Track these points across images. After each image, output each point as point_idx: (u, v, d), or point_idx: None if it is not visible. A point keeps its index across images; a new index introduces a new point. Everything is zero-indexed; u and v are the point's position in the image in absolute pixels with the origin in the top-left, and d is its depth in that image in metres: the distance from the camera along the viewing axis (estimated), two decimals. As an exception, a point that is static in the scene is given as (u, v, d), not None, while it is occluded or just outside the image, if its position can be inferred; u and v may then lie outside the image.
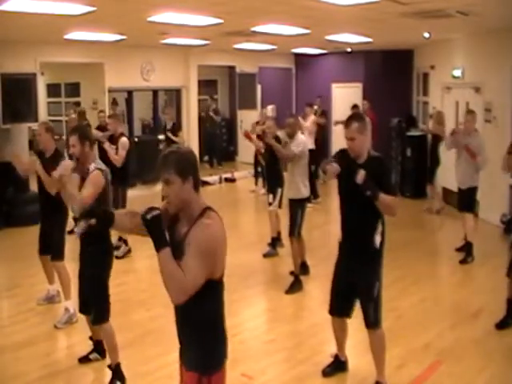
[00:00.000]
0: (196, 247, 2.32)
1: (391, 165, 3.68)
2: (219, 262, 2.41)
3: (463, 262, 6.90)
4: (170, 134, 9.06)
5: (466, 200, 7.00)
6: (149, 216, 2.27)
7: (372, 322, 3.86)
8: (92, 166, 4.12)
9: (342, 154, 3.87)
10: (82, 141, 4.13)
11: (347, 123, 3.79)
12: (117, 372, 4.10)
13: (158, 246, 2.27)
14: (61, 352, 4.90)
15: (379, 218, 3.76)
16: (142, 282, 6.29)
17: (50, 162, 4.92)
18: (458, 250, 7.21)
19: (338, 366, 4.26)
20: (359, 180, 3.61)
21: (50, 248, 5.31)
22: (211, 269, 2.36)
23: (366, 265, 3.81)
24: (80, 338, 4.81)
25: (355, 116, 3.90)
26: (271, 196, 7.07)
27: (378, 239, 3.75)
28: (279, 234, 7.35)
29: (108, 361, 4.19)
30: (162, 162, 2.40)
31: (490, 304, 5.54)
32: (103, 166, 4.20)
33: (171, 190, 2.39)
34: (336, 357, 4.28)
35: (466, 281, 6.64)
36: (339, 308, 4.03)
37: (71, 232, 8.08)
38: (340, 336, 4.19)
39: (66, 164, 4.29)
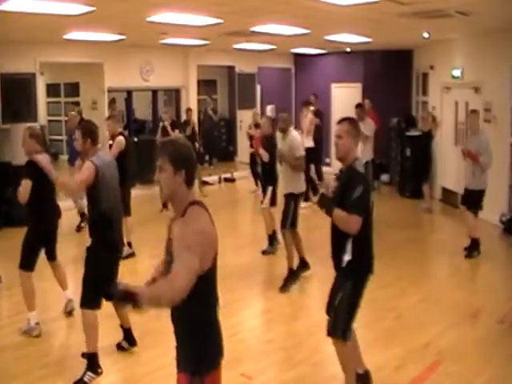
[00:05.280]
0: (182, 241, 2.32)
1: (363, 180, 3.57)
2: (207, 256, 2.38)
3: (469, 256, 6.93)
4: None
5: (471, 200, 7.00)
6: (118, 289, 2.26)
7: (330, 330, 3.75)
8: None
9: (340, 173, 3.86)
10: (84, 136, 4.24)
11: (340, 122, 3.82)
12: (91, 362, 4.11)
13: (140, 302, 2.22)
14: (60, 352, 4.89)
15: (349, 237, 3.64)
16: (141, 283, 6.26)
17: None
18: (467, 248, 7.17)
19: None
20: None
21: (50, 252, 5.32)
22: (202, 260, 2.33)
23: (339, 276, 3.77)
24: (80, 337, 4.80)
25: (349, 118, 3.89)
26: (263, 194, 7.15)
27: (345, 258, 3.67)
28: (274, 231, 7.34)
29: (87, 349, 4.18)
30: (159, 148, 2.50)
31: (490, 304, 5.55)
32: (99, 162, 4.17)
33: (162, 177, 2.45)
34: None
35: (465, 281, 6.64)
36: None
37: (79, 230, 8.38)
38: None
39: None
